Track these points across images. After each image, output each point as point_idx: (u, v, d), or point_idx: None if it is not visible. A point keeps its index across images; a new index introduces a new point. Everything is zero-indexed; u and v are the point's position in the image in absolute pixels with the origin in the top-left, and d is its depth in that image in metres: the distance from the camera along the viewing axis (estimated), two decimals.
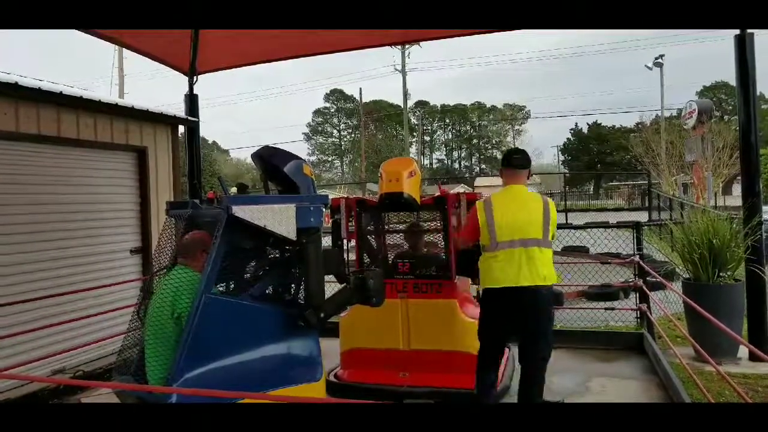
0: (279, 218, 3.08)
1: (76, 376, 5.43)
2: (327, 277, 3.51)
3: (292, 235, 3.13)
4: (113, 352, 6.06)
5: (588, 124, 63.91)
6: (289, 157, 3.48)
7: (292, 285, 3.41)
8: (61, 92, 5.60)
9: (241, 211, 2.95)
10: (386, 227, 5.42)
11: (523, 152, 4.39)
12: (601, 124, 62.33)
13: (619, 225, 9.11)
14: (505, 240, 3.93)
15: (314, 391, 3.27)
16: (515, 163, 4.22)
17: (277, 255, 3.46)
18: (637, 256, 6.62)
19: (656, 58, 34.22)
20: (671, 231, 6.88)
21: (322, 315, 3.26)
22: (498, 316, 4.04)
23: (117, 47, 24.47)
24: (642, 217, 19.28)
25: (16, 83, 5.13)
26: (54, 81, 6.16)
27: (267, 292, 3.36)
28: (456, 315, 4.67)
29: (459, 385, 4.50)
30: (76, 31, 5.44)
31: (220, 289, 3.19)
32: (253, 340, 3.10)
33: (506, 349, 5.53)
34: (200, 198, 3.71)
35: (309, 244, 3.24)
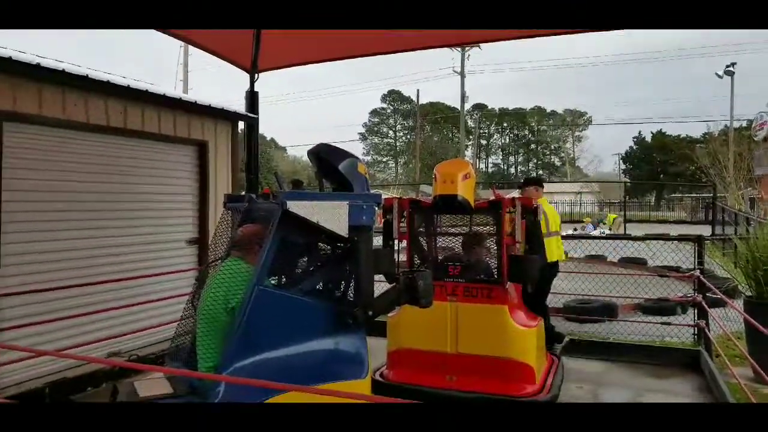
0: (332, 215, 3.10)
1: (130, 359, 5.61)
2: (376, 277, 3.52)
3: (344, 232, 3.15)
4: (166, 339, 6.27)
5: (652, 132, 61.87)
6: (345, 154, 3.50)
7: (342, 282, 3.43)
8: (128, 86, 5.83)
9: (295, 207, 2.98)
10: (439, 229, 5.39)
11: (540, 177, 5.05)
12: (665, 133, 60.17)
13: (680, 238, 8.75)
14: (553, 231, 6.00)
15: (360, 387, 3.28)
16: (542, 182, 6.46)
17: (329, 251, 3.49)
18: (698, 270, 6.36)
19: (727, 67, 32.80)
20: (735, 246, 6.58)
21: (370, 313, 3.26)
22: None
23: (183, 44, 25.36)
24: (705, 231, 18.49)
25: (87, 76, 5.35)
26: (123, 76, 6.42)
27: (317, 287, 3.39)
28: (506, 321, 4.61)
29: (505, 391, 4.45)
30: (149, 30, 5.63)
31: (272, 282, 3.24)
32: (302, 334, 3.13)
33: (554, 358, 5.42)
34: (257, 193, 3.78)
35: (360, 243, 3.25)
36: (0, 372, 4.78)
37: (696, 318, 6.48)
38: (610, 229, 24.27)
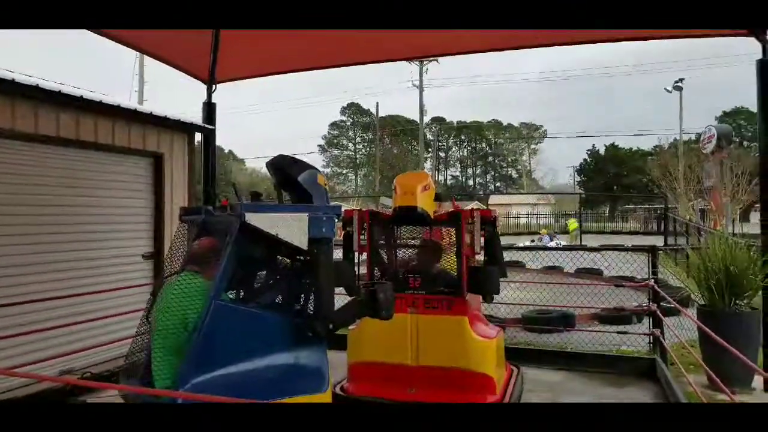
0: (291, 227, 3.06)
1: (83, 377, 5.43)
2: (336, 290, 3.48)
3: (303, 244, 3.12)
4: (121, 356, 6.06)
5: (605, 145, 63.65)
6: (304, 166, 3.47)
7: (302, 295, 3.39)
8: (81, 96, 5.67)
9: (253, 219, 2.94)
10: (398, 241, 5.39)
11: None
12: (618, 146, 62.01)
13: (635, 248, 8.99)
14: None
15: (320, 401, 3.24)
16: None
17: (288, 264, 3.44)
18: (652, 280, 6.53)
19: (676, 82, 34.01)
20: (688, 256, 6.79)
21: (331, 326, 3.22)
22: None
23: (138, 55, 24.87)
24: (658, 241, 19.11)
25: (37, 86, 5.19)
26: (75, 86, 6.24)
27: (276, 301, 3.34)
28: (466, 332, 4.62)
29: (467, 402, 4.45)
30: (97, 36, 5.50)
31: (230, 296, 3.18)
32: (261, 349, 3.07)
33: (513, 368, 5.47)
34: (214, 205, 3.71)
35: (320, 255, 3.21)
36: None
37: (651, 327, 6.63)
38: (572, 230, 24.81)
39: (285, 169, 3.48)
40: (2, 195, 5.21)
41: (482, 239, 4.88)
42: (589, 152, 65.37)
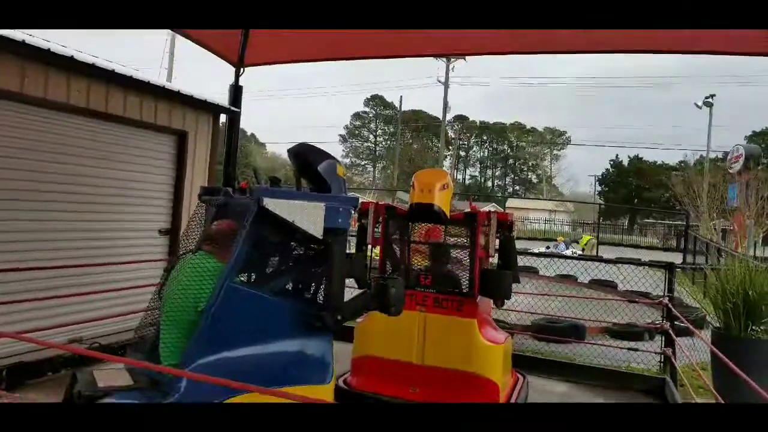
0: (307, 215, 3.05)
1: (92, 347, 5.49)
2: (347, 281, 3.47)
3: (318, 233, 3.11)
4: (130, 329, 6.12)
5: (629, 156, 62.94)
6: (324, 155, 3.46)
7: (313, 284, 3.37)
8: (113, 70, 5.72)
9: (271, 204, 2.93)
10: (412, 238, 5.36)
11: None
12: (642, 158, 61.30)
13: (652, 264, 8.87)
14: None
15: (323, 393, 3.22)
16: None
17: (301, 252, 3.44)
18: (667, 298, 6.43)
19: (707, 98, 33.44)
20: (706, 276, 6.66)
21: (339, 317, 3.21)
22: None
23: (170, 33, 25.06)
24: (676, 258, 18.80)
25: (72, 57, 5.25)
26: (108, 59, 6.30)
27: (287, 288, 3.33)
28: (474, 335, 4.58)
29: None
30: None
31: (242, 279, 3.18)
32: (268, 335, 3.06)
33: (520, 376, 5.43)
34: (233, 187, 3.72)
35: (334, 245, 3.20)
36: None
37: (663, 345, 6.53)
38: (582, 250, 24.55)
39: (306, 157, 3.47)
40: (31, 161, 5.30)
41: (497, 242, 4.84)
42: (612, 162, 64.71)
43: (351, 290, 3.65)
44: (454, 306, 4.67)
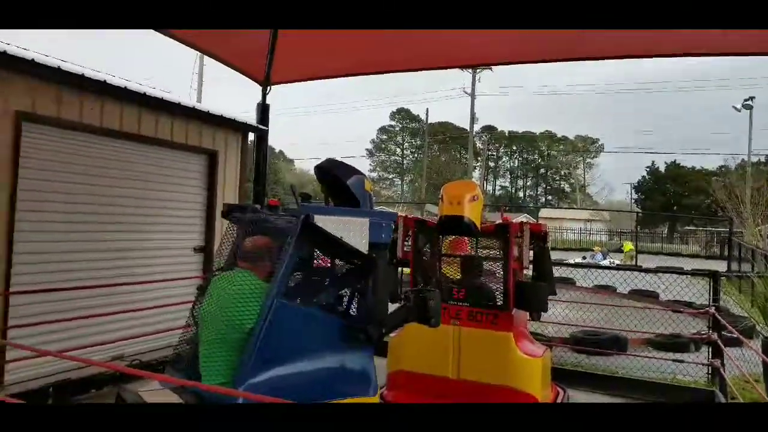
0: (355, 231, 3.12)
1: (132, 364, 5.59)
2: None
3: (364, 248, 3.16)
4: (169, 345, 6.18)
5: (666, 162, 61.47)
6: (352, 170, 3.45)
7: (355, 298, 3.39)
8: (144, 93, 5.86)
9: (321, 221, 2.95)
10: (443, 250, 5.28)
11: None
12: (680, 164, 59.78)
13: (695, 272, 8.56)
14: None
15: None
16: None
17: (343, 267, 3.43)
18: (713, 307, 6.18)
19: (746, 100, 32.55)
20: (753, 284, 6.39)
21: (383, 330, 3.22)
22: None
23: (198, 54, 25.66)
24: (720, 266, 18.21)
25: (104, 81, 5.39)
26: (138, 82, 6.45)
27: (331, 303, 3.32)
28: (511, 349, 4.47)
29: None
30: (157, 33, 5.66)
31: (287, 295, 3.16)
32: (316, 350, 3.08)
33: (560, 389, 5.27)
34: (262, 204, 3.72)
35: (378, 260, 3.24)
36: (6, 369, 4.79)
37: (710, 357, 6.26)
38: (622, 260, 24.01)
39: (335, 172, 3.46)
40: (69, 184, 5.44)
41: (531, 254, 4.73)
42: (648, 169, 63.32)
43: None
44: (489, 319, 4.57)
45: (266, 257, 3.09)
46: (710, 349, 6.32)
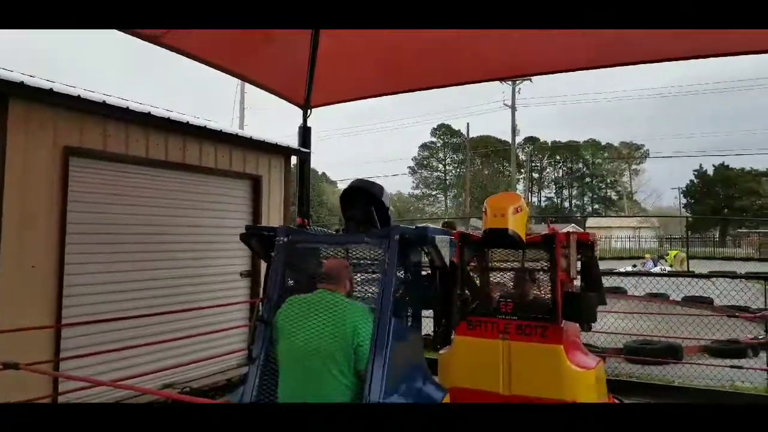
0: (445, 247, 3.30)
1: (183, 391, 5.67)
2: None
3: (447, 262, 3.31)
4: (220, 371, 6.31)
5: (714, 165, 59.53)
6: (379, 186, 3.52)
7: (435, 309, 3.50)
8: (188, 122, 6.05)
9: (437, 240, 3.15)
10: (489, 264, 5.26)
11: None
12: (728, 166, 57.81)
13: (749, 276, 8.26)
14: None
15: None
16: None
17: (424, 281, 3.53)
18: None
19: None
20: None
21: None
22: None
23: (239, 82, 26.30)
24: None
25: (149, 113, 5.60)
26: (181, 112, 6.67)
27: (418, 315, 3.43)
28: (562, 362, 4.39)
29: None
30: (200, 64, 5.86)
31: (372, 307, 3.20)
32: (412, 360, 3.26)
33: (617, 401, 5.15)
34: (303, 226, 3.79)
35: (454, 273, 3.47)
36: (59, 402, 4.87)
37: None
38: (671, 266, 23.28)
39: (373, 190, 3.49)
40: (116, 215, 5.61)
41: (579, 264, 4.66)
42: (696, 173, 61.43)
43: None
44: (538, 332, 4.51)
45: (343, 275, 3.18)
46: None
